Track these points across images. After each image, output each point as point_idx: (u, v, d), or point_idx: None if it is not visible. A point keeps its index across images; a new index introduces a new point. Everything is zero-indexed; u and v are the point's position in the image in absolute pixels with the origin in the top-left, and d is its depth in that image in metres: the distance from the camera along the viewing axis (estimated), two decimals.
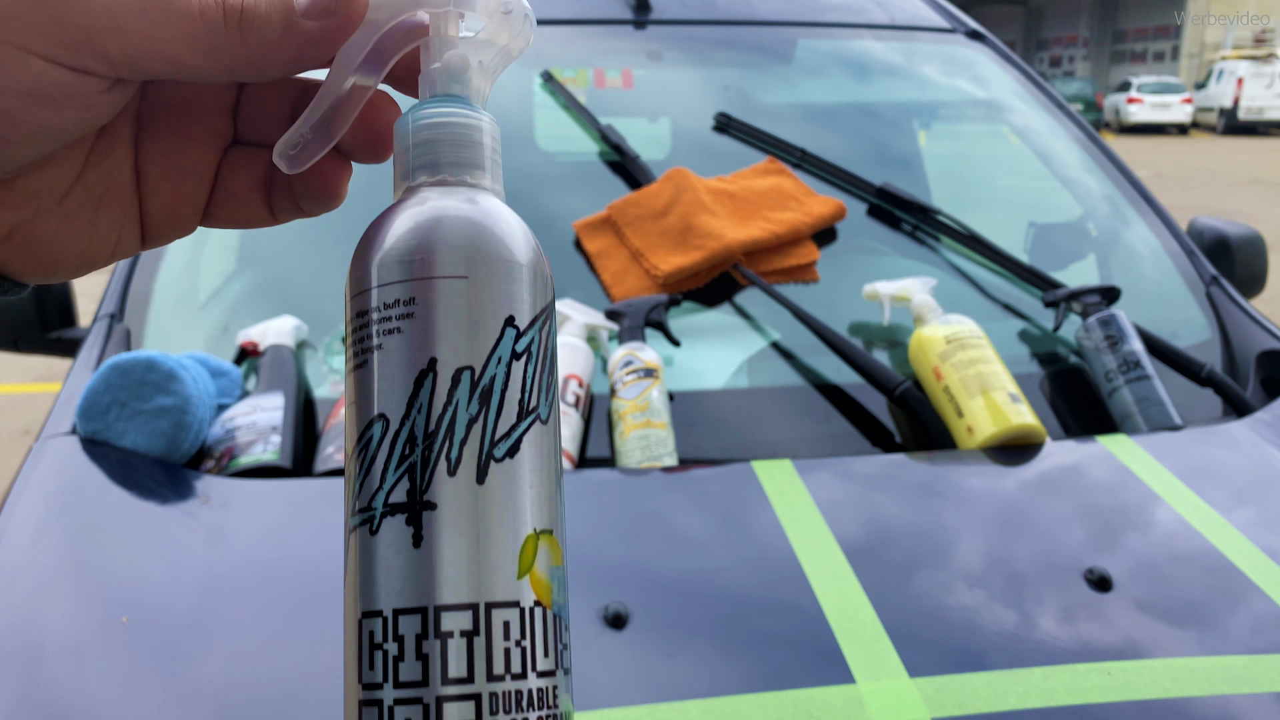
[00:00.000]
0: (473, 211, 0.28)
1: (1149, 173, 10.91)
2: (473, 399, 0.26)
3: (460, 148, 0.29)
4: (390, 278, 0.27)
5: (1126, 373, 1.01)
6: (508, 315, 0.27)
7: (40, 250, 0.31)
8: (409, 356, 0.27)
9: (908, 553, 0.78)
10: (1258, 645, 0.68)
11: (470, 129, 0.30)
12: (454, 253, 0.27)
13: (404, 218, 0.28)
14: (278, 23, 0.29)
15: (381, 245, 0.28)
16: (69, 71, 0.27)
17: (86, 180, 0.32)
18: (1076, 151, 1.46)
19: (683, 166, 1.24)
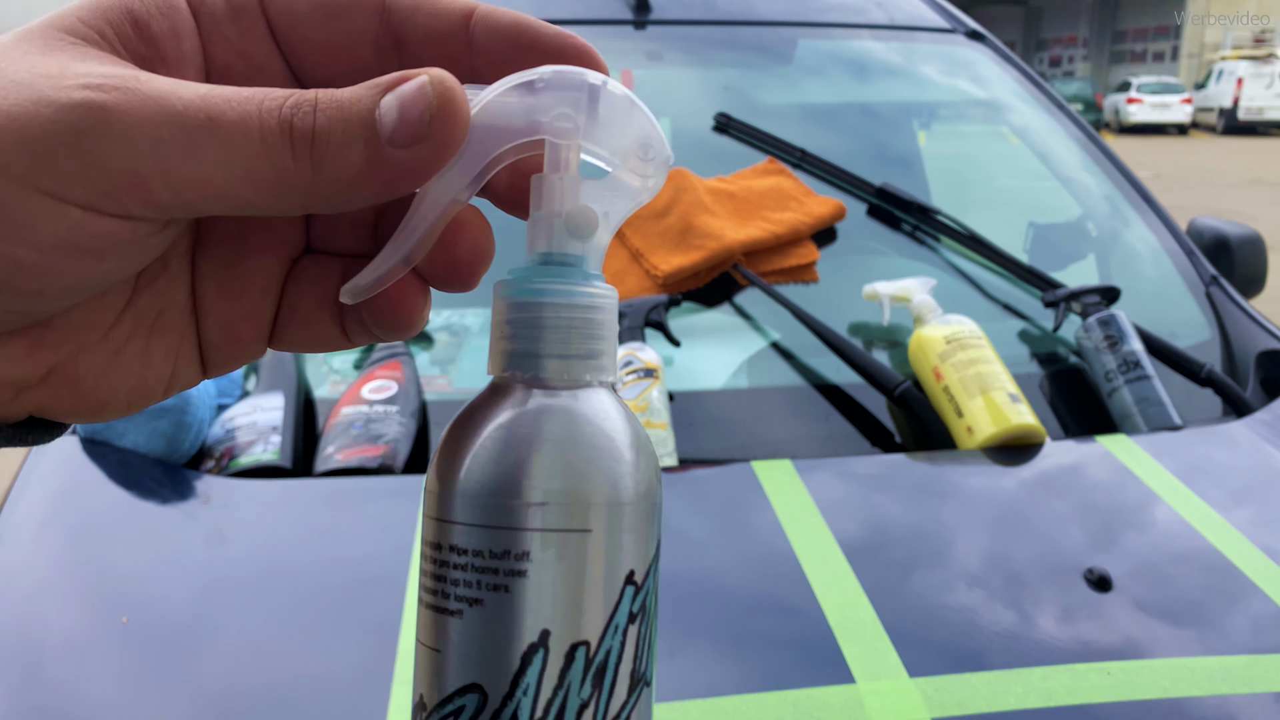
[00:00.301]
0: (599, 441, 0.24)
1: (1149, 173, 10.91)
2: (586, 680, 0.23)
3: (583, 339, 0.25)
4: (498, 521, 0.23)
5: (1126, 373, 1.01)
6: (628, 571, 0.24)
7: (84, 391, 0.26)
8: (518, 625, 0.23)
9: (908, 553, 0.78)
10: (1258, 645, 0.68)
11: (597, 311, 0.25)
12: (579, 502, 0.23)
13: (514, 439, 0.24)
14: (358, 152, 0.23)
15: (484, 473, 0.23)
16: (113, 219, 0.23)
17: (137, 306, 0.27)
18: (1076, 152, 1.46)
19: (682, 167, 1.24)
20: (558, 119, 0.25)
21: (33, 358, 0.25)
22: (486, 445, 0.24)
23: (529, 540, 0.23)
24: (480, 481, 0.24)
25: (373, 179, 0.24)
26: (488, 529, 0.23)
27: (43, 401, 0.26)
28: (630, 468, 0.24)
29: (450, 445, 0.25)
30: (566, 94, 0.25)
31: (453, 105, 0.23)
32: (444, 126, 0.23)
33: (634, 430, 0.25)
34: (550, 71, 0.25)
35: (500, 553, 0.23)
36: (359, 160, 0.23)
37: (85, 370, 0.26)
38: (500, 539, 0.23)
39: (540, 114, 0.25)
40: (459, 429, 0.25)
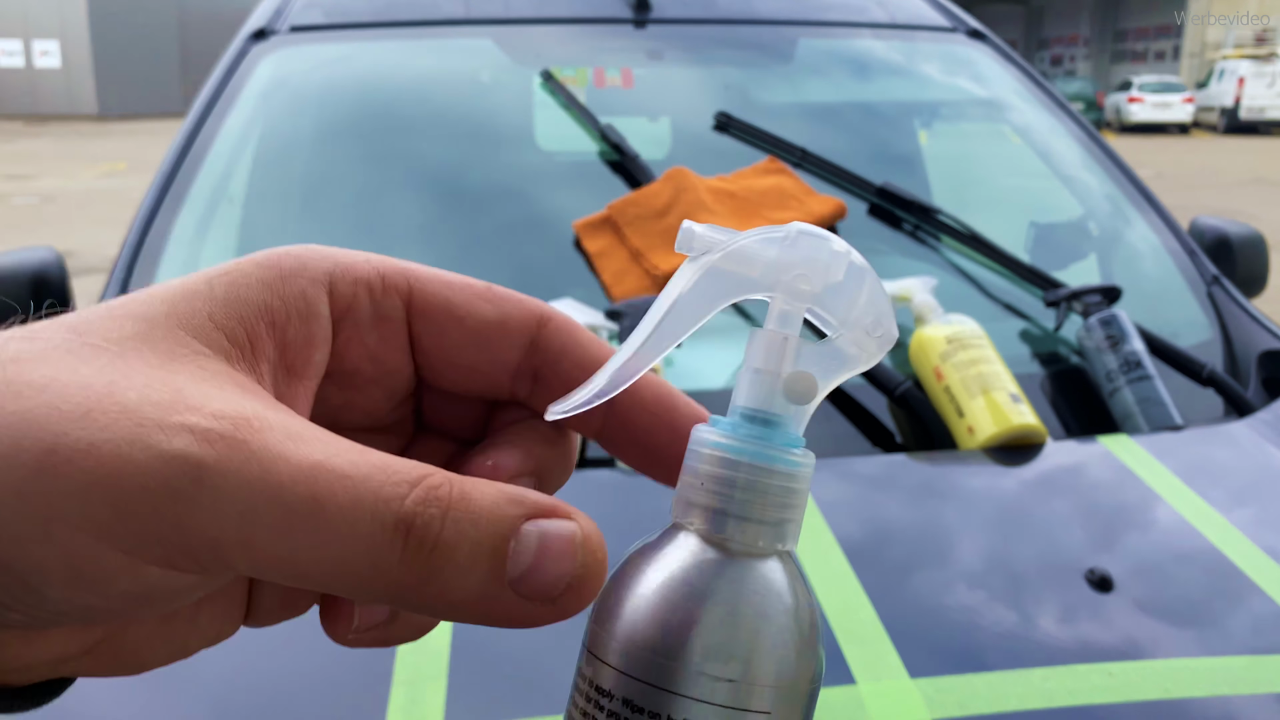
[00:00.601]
0: (788, 623, 0.23)
1: (1150, 172, 10.90)
2: None
3: (778, 507, 0.23)
4: (672, 685, 0.21)
5: (1128, 373, 1.01)
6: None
7: (125, 657, 0.24)
8: None
9: (908, 553, 0.78)
10: (1259, 646, 0.68)
11: (797, 480, 0.24)
12: (767, 682, 0.22)
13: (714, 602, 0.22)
14: (477, 579, 0.21)
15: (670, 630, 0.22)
16: (189, 576, 0.21)
17: None
18: (1077, 151, 1.46)
19: (683, 166, 1.24)
20: (797, 280, 0.25)
21: (81, 636, 0.23)
22: (667, 599, 0.22)
23: (701, 712, 0.21)
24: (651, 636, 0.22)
25: (477, 611, 0.21)
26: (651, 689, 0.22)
27: (80, 669, 0.24)
28: (811, 647, 0.23)
29: (626, 588, 0.23)
30: (810, 256, 0.24)
31: (595, 579, 0.22)
32: (577, 598, 0.22)
33: (813, 606, 0.24)
34: (797, 231, 0.25)
35: (651, 713, 0.22)
36: (475, 587, 0.21)
37: (131, 640, 0.24)
38: (666, 703, 0.22)
39: (781, 272, 0.25)
40: (639, 572, 0.23)
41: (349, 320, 0.25)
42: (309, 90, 1.39)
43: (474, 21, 1.48)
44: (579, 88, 1.43)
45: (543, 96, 1.42)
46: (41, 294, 1.27)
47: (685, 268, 0.25)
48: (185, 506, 0.19)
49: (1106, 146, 1.47)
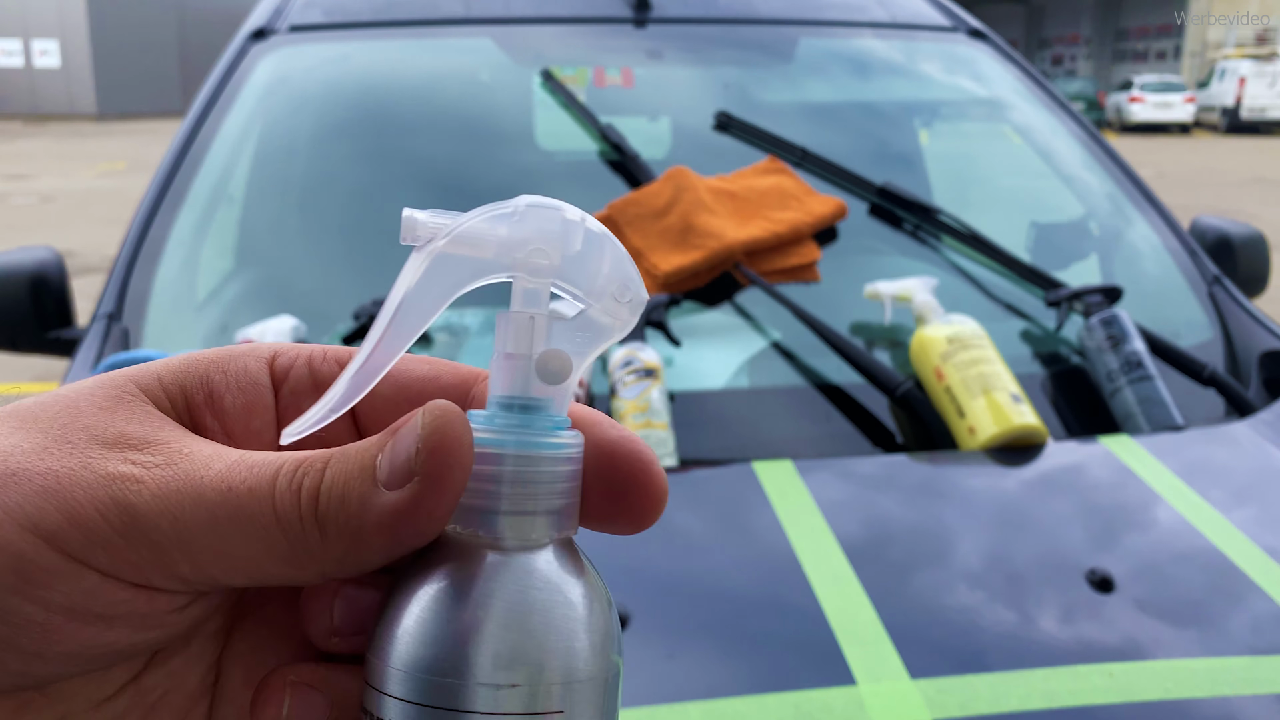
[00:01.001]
0: (573, 614, 0.22)
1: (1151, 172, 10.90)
2: None
3: (547, 495, 0.23)
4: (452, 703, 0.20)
5: (1129, 373, 1.01)
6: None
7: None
8: None
9: (909, 554, 0.78)
10: (1260, 646, 0.68)
11: (563, 463, 0.23)
12: (547, 683, 0.21)
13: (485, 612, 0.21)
14: (356, 503, 0.22)
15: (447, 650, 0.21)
16: (130, 588, 0.22)
17: (142, 683, 0.25)
18: (1078, 151, 1.46)
19: (683, 165, 1.23)
20: (533, 255, 0.24)
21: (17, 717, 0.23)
22: (439, 613, 0.21)
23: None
24: (429, 657, 0.21)
25: (373, 531, 0.22)
26: (435, 710, 0.21)
27: None
28: (602, 636, 0.22)
29: (397, 610, 0.22)
30: (543, 229, 0.24)
31: (442, 437, 0.22)
32: (434, 460, 0.22)
33: (600, 592, 0.23)
34: (525, 204, 0.24)
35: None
36: (356, 510, 0.22)
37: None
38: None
39: (515, 249, 0.24)
40: (407, 593, 0.22)
41: (287, 388, 0.27)
42: (308, 90, 1.39)
43: (474, 21, 1.48)
44: (579, 87, 1.42)
45: (543, 96, 1.42)
46: (41, 294, 1.27)
47: (412, 259, 0.24)
48: (128, 515, 0.22)
49: (1107, 146, 1.46)
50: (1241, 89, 19.96)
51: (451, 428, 0.22)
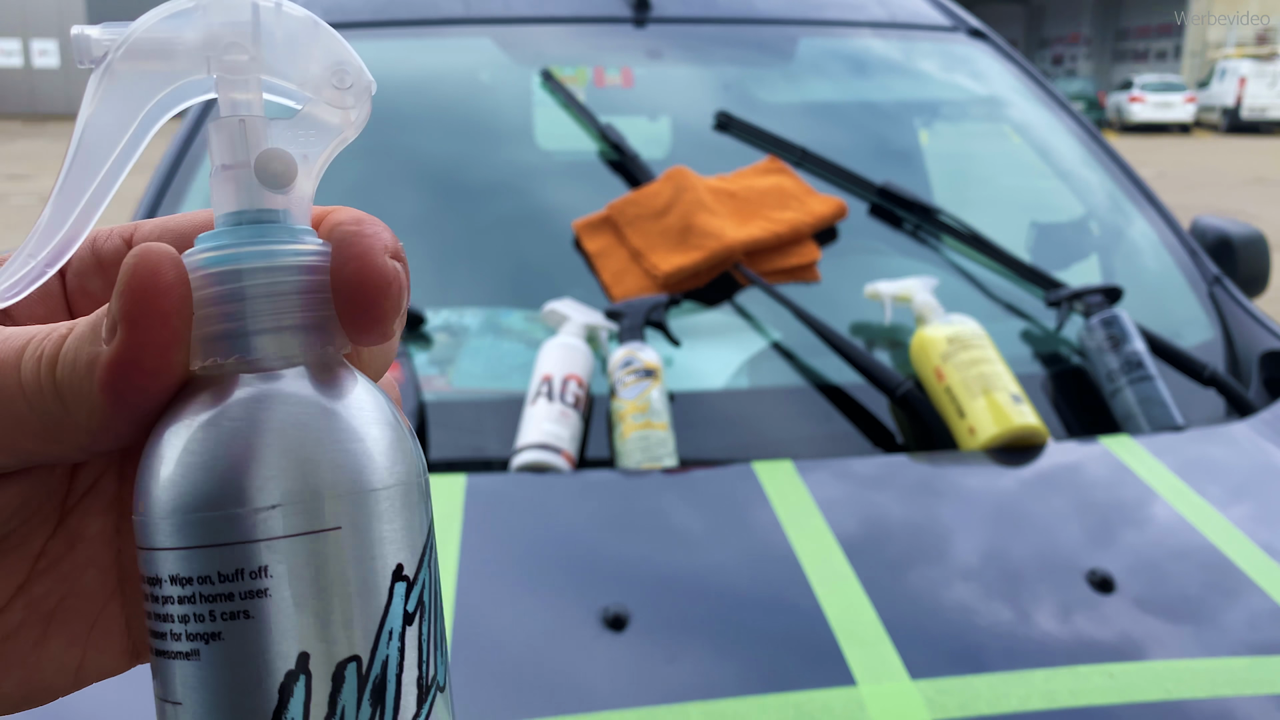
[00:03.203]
0: (332, 422, 0.20)
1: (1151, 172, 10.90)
2: (363, 700, 0.20)
3: (299, 306, 0.21)
4: (226, 536, 0.19)
5: (1129, 373, 1.01)
6: (395, 565, 0.20)
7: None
8: (269, 654, 0.19)
9: (909, 554, 0.78)
10: (1260, 647, 0.68)
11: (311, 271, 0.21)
12: (322, 496, 0.20)
13: (226, 436, 0.20)
14: (84, 364, 0.20)
15: (196, 483, 0.20)
16: None
17: (32, 592, 0.24)
18: (1079, 150, 1.45)
19: (683, 165, 1.23)
20: (227, 51, 0.21)
21: None
22: (193, 449, 0.20)
23: (265, 552, 0.19)
24: (192, 494, 0.20)
25: (100, 390, 0.20)
26: (211, 549, 0.19)
27: None
28: (379, 446, 0.21)
29: (150, 459, 0.20)
30: (233, 21, 0.21)
31: (139, 276, 0.20)
32: (131, 301, 0.20)
33: (377, 403, 0.21)
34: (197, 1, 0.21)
35: (231, 574, 0.19)
36: (84, 373, 0.20)
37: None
38: (229, 557, 0.19)
39: (206, 50, 0.21)
40: (158, 439, 0.21)
41: (71, 270, 0.25)
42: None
43: (473, 21, 1.48)
44: (579, 87, 1.42)
45: (542, 96, 1.42)
46: None
47: (90, 82, 0.21)
48: None
49: (1108, 146, 1.46)
50: (1242, 89, 19.95)
51: (149, 264, 0.20)
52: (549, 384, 0.93)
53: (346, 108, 0.22)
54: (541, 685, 0.63)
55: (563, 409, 0.91)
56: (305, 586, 0.19)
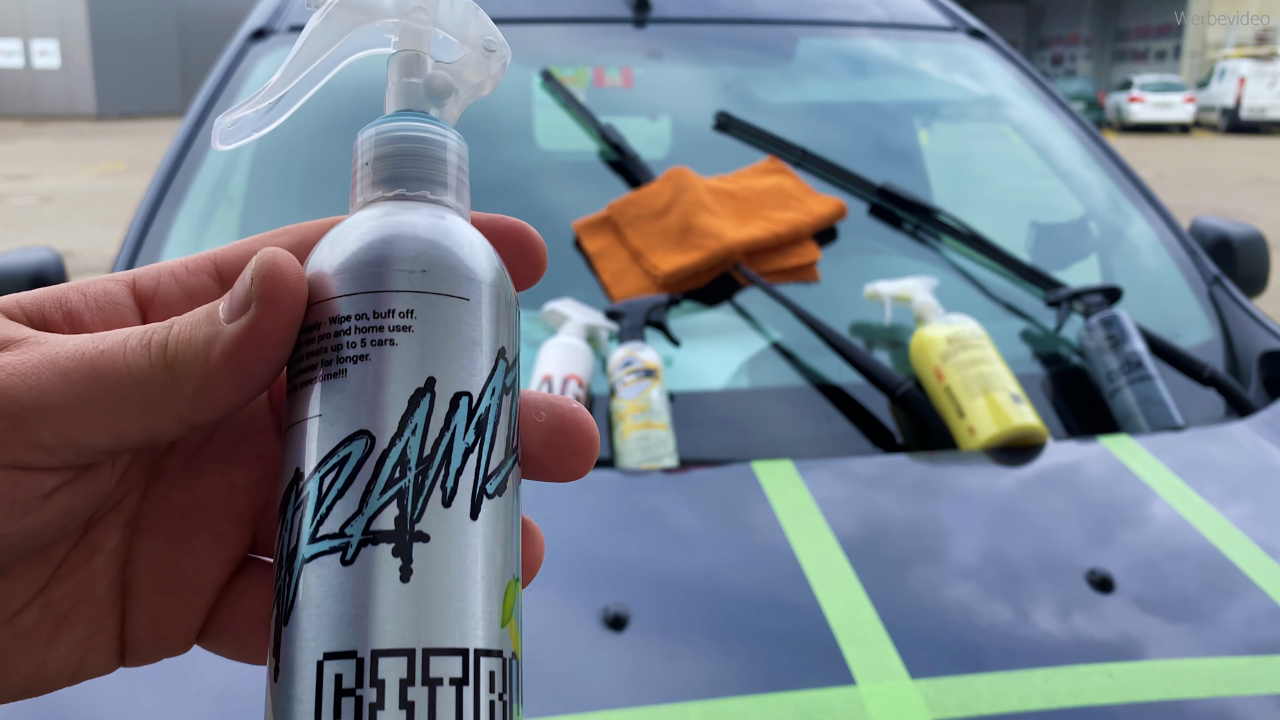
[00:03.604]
0: (475, 237, 0.26)
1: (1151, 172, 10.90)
2: (470, 427, 0.24)
3: (442, 166, 0.27)
4: (386, 285, 0.25)
5: (1129, 373, 1.01)
6: (501, 347, 0.25)
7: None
8: (406, 371, 0.24)
9: (909, 554, 0.78)
10: (1260, 647, 0.68)
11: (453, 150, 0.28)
12: (458, 273, 0.25)
13: (399, 225, 0.25)
14: (201, 341, 0.24)
15: (372, 247, 0.25)
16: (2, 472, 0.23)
17: (50, 595, 0.26)
18: (1078, 151, 1.46)
19: (683, 166, 1.23)
20: (414, 12, 0.29)
21: None
22: (364, 231, 0.25)
23: (414, 300, 0.24)
24: (359, 251, 0.25)
25: (218, 362, 0.24)
26: (371, 293, 0.24)
27: None
28: (500, 267, 0.27)
29: (331, 240, 0.26)
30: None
31: (273, 269, 0.24)
32: (266, 283, 0.24)
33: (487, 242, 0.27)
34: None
35: (385, 312, 0.24)
36: (202, 348, 0.24)
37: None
38: (385, 300, 0.24)
39: (398, 10, 0.29)
40: (343, 230, 0.26)
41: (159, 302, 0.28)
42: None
43: None
44: (579, 87, 1.42)
45: (542, 96, 1.42)
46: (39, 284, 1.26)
47: (313, 17, 0.29)
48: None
49: (1107, 146, 1.46)
50: (1241, 89, 19.95)
51: (280, 256, 0.24)
52: (549, 384, 0.93)
53: (489, 69, 0.30)
54: (542, 684, 0.63)
55: None
56: (438, 332, 0.24)
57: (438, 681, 0.22)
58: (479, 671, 0.23)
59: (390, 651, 0.22)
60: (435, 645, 0.23)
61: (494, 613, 0.24)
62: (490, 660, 0.23)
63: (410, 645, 0.22)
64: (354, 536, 0.23)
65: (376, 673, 0.22)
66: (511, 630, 0.24)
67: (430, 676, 0.22)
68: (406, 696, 0.22)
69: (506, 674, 0.24)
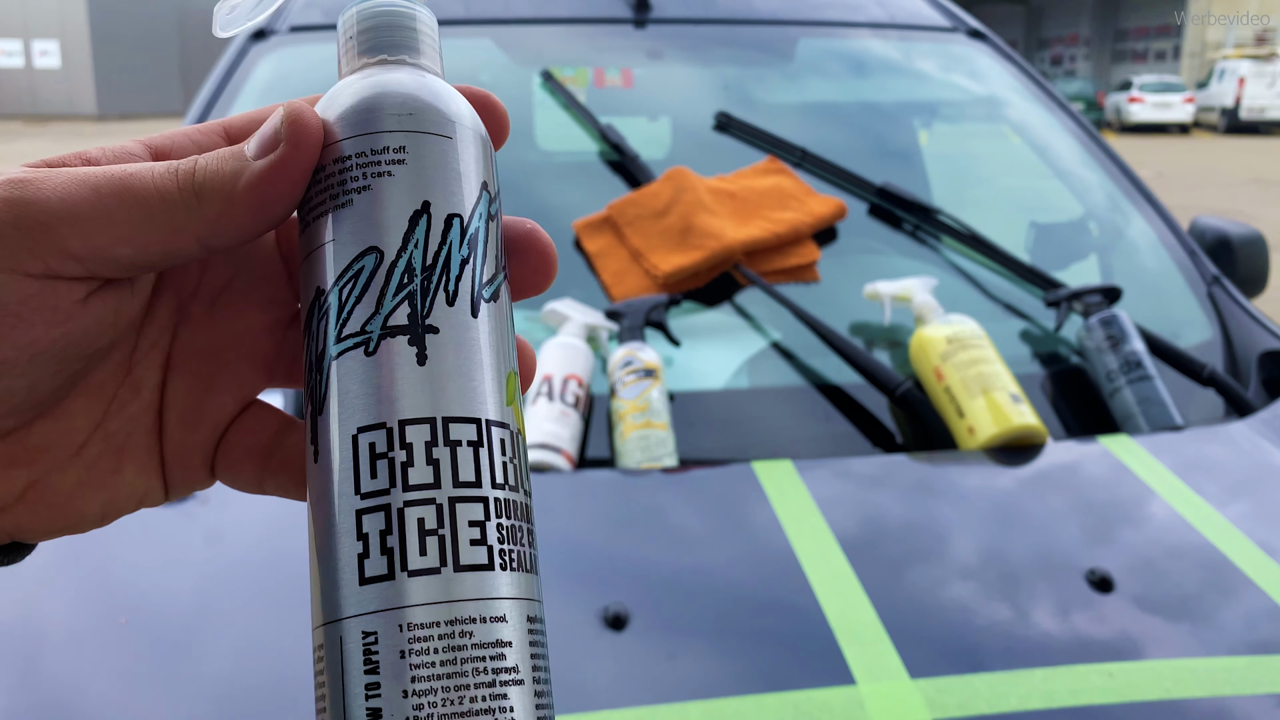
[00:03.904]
0: (450, 89, 0.30)
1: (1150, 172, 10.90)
2: (464, 242, 0.28)
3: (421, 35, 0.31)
4: (381, 127, 0.28)
5: (1128, 373, 1.01)
6: (484, 180, 0.29)
7: (58, 506, 0.29)
8: (404, 197, 0.28)
9: (909, 554, 0.78)
10: (1260, 646, 0.68)
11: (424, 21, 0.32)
12: (441, 115, 0.29)
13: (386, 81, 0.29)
14: (229, 173, 0.27)
15: (366, 99, 0.29)
16: (34, 280, 0.26)
17: (108, 428, 0.30)
18: (1078, 151, 1.46)
19: (683, 166, 1.24)
20: None
21: (9, 477, 0.28)
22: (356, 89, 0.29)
23: (406, 139, 0.28)
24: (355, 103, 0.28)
25: (244, 193, 0.27)
26: (368, 134, 0.28)
27: (20, 520, 0.28)
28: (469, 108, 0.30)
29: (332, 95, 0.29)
30: None
31: (300, 115, 0.28)
32: (294, 128, 0.27)
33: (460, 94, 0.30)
34: None
35: (380, 149, 0.28)
36: (229, 178, 0.27)
37: (59, 487, 0.29)
38: (380, 139, 0.28)
39: None
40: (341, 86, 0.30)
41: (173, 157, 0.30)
42: (308, 90, 1.39)
43: (473, 21, 1.48)
44: (579, 88, 1.43)
45: (542, 96, 1.42)
46: None
47: None
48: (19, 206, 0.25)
49: (1107, 146, 1.46)
50: (1241, 89, 19.96)
51: (304, 105, 0.28)
52: (549, 384, 0.93)
53: None
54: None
55: (563, 409, 0.92)
56: (428, 164, 0.28)
57: (457, 443, 0.26)
58: (491, 437, 0.27)
59: (415, 420, 0.26)
60: (452, 414, 0.26)
61: (499, 393, 0.27)
62: (499, 430, 0.27)
63: (431, 414, 0.26)
64: (374, 332, 0.27)
65: (405, 437, 0.26)
66: (515, 411, 0.28)
67: (450, 439, 0.26)
68: (432, 455, 0.26)
69: (515, 444, 0.28)
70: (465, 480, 0.26)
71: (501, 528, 0.26)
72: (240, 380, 0.32)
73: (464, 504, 0.26)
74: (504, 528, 0.26)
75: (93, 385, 0.29)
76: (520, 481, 0.27)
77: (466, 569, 0.25)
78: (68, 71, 21.99)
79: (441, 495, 0.26)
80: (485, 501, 0.26)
